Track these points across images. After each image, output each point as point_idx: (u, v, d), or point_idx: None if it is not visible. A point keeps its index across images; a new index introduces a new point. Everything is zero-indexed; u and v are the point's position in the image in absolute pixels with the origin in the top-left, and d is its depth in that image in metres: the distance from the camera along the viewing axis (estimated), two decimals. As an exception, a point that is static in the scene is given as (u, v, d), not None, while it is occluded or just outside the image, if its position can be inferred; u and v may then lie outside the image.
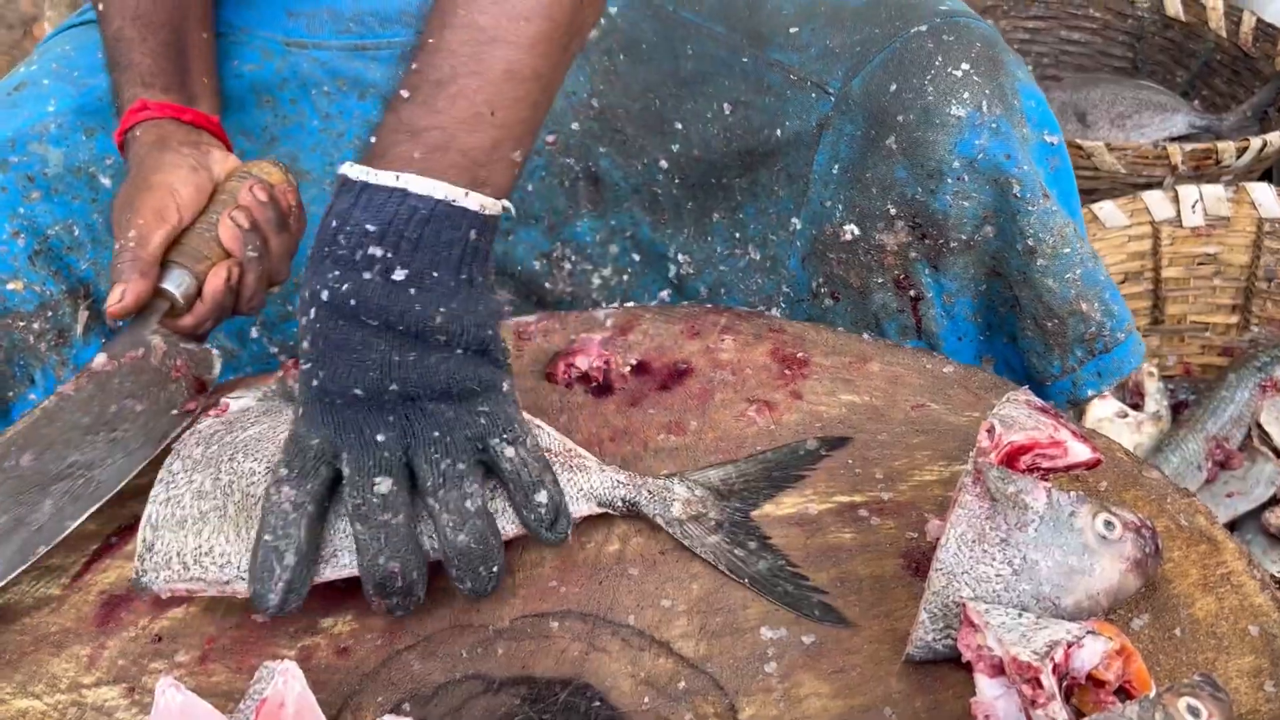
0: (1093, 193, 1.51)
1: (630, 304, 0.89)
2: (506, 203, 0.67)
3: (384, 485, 0.63)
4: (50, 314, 0.96)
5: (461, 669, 0.64)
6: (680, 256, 1.04)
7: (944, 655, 0.61)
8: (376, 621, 0.67)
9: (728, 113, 0.96)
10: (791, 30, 0.94)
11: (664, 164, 1.00)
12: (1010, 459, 0.62)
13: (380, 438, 0.63)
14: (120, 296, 0.77)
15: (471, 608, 0.67)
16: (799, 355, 0.82)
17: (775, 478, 0.73)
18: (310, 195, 1.00)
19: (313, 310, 0.63)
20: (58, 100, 0.97)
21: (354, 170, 0.64)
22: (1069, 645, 0.55)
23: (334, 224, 0.63)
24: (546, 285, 1.06)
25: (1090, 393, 0.92)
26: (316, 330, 0.63)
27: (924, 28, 0.88)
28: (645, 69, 1.00)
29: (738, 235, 1.00)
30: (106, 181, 0.96)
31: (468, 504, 0.64)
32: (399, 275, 0.62)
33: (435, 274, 0.63)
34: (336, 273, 0.63)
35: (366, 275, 0.62)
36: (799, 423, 0.76)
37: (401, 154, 0.63)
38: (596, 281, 1.06)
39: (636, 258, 1.05)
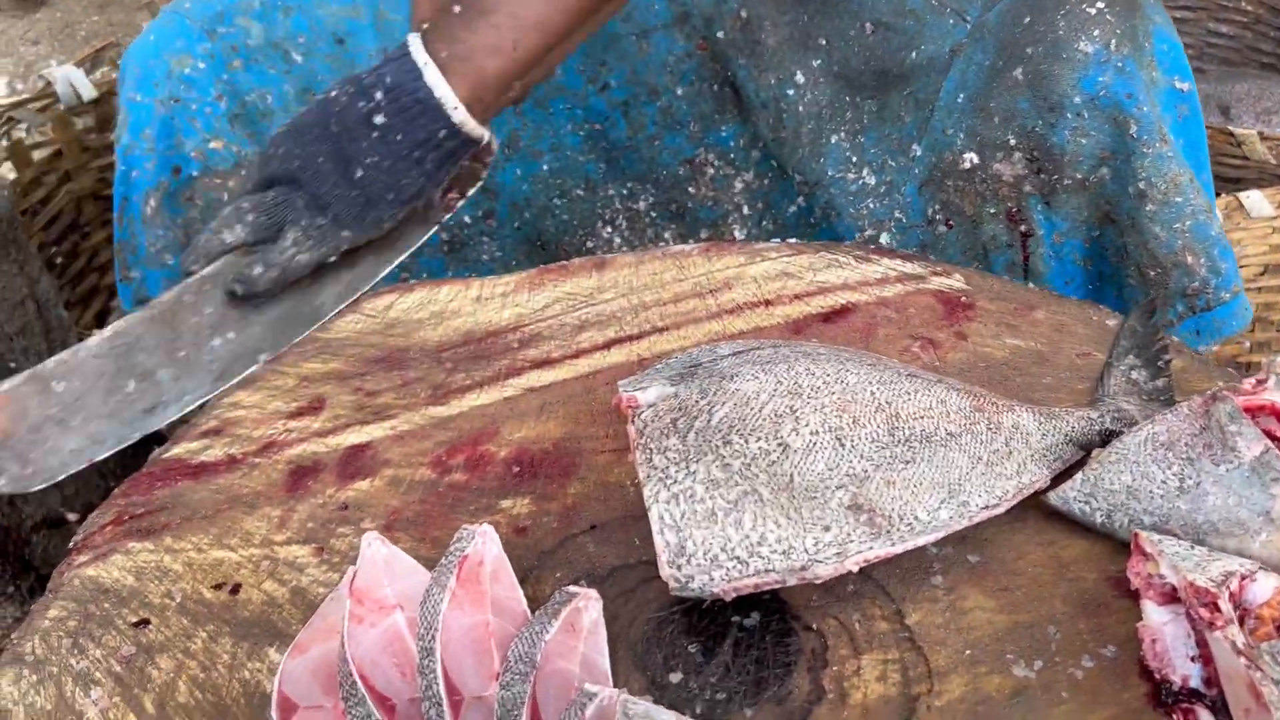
0: (1239, 181, 1.49)
1: (793, 240, 0.91)
2: (484, 132, 0.85)
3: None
4: (244, 172, 1.06)
5: (635, 555, 0.67)
6: (795, 176, 1.06)
7: (1072, 515, 0.65)
8: (552, 506, 0.71)
9: (869, 32, 0.98)
10: None
11: (800, 78, 1.03)
12: (1253, 411, 0.63)
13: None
14: None
15: (644, 502, 0.70)
16: (963, 299, 0.83)
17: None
18: None
19: (318, 100, 0.84)
20: None
21: (414, 42, 0.82)
22: (1243, 577, 0.56)
23: (377, 63, 0.84)
24: (690, 190, 1.10)
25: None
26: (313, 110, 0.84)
27: None
28: None
29: (854, 159, 1.02)
30: (298, 57, 1.07)
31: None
32: (378, 119, 0.81)
33: (399, 137, 0.82)
34: (346, 91, 0.83)
35: (362, 105, 0.81)
36: (964, 361, 0.78)
37: (436, 49, 0.82)
38: (739, 185, 1.09)
39: (775, 164, 1.07)
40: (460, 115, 0.82)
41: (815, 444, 0.64)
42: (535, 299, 0.88)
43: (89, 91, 1.57)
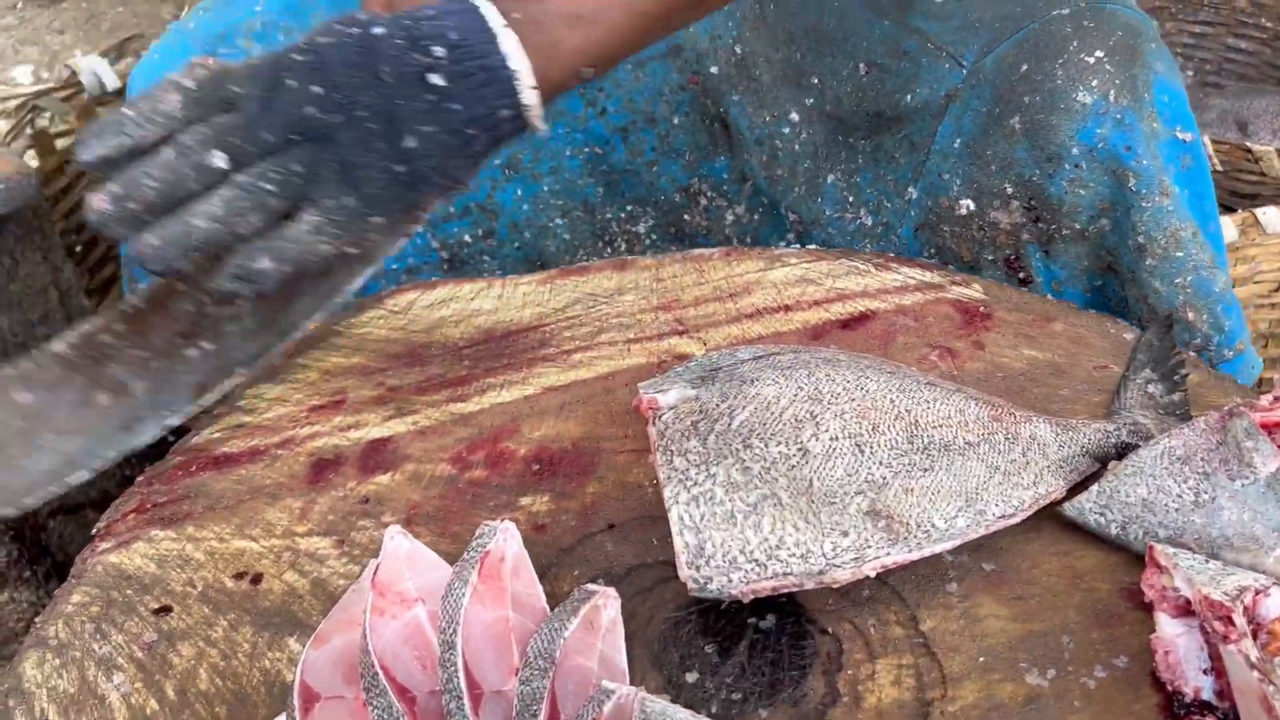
0: (1256, 198, 1.49)
1: (811, 246, 0.92)
2: (538, 115, 0.70)
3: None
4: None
5: (653, 555, 0.68)
6: (789, 215, 1.06)
7: (1086, 526, 0.66)
8: (571, 505, 0.72)
9: (863, 73, 0.97)
10: None
11: (794, 116, 1.02)
12: (1269, 428, 0.64)
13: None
14: None
15: (662, 503, 0.71)
16: (982, 308, 0.84)
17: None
18: None
19: (351, 29, 0.67)
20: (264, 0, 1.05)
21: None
22: (1257, 592, 0.57)
23: (431, 11, 0.67)
24: (685, 218, 1.10)
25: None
26: (351, 43, 0.66)
27: (1066, 11, 0.88)
28: (791, 21, 1.01)
29: (850, 199, 1.01)
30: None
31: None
32: (434, 79, 0.66)
33: (457, 107, 0.67)
34: (397, 33, 0.66)
35: (417, 57, 0.66)
36: (981, 370, 0.79)
37: (506, 7, 0.69)
38: (730, 218, 1.09)
39: (766, 200, 1.08)
40: (531, 98, 0.69)
41: (835, 450, 0.64)
42: (556, 298, 0.89)
43: (113, 81, 1.59)
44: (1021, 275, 0.92)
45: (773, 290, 0.87)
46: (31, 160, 1.48)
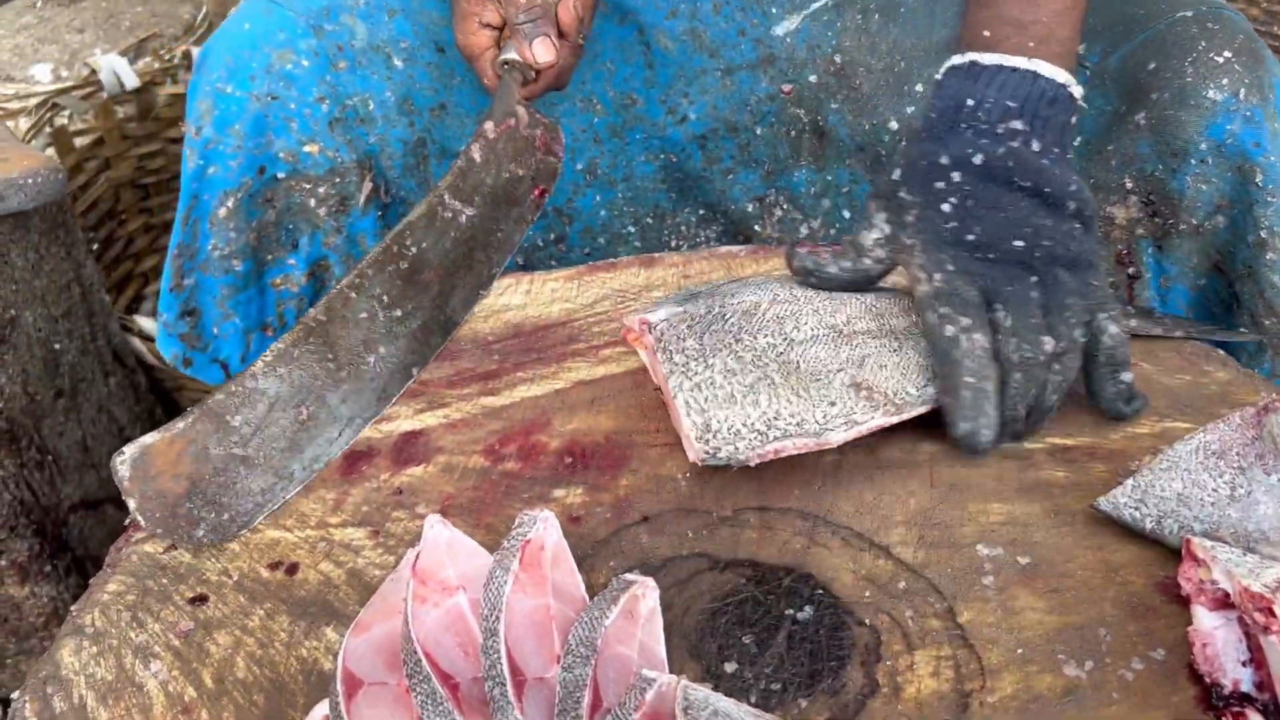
0: None
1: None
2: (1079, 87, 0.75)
3: (1049, 344, 0.70)
4: (338, 180, 1.02)
5: (688, 547, 0.68)
6: None
7: (1121, 521, 0.66)
8: (605, 497, 0.72)
9: None
10: None
11: (894, 125, 1.03)
12: None
13: (1034, 294, 0.71)
14: (545, 49, 0.88)
15: (695, 495, 0.72)
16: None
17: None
18: (563, 109, 1.06)
19: (959, 173, 0.72)
20: None
21: (986, 57, 0.74)
22: (1297, 585, 0.57)
23: (970, 101, 0.73)
24: (755, 228, 1.10)
25: None
26: (967, 191, 0.72)
27: (1189, 13, 0.90)
28: (898, 30, 1.02)
29: None
30: (399, 63, 1.03)
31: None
32: (1035, 146, 0.72)
33: (1056, 150, 0.73)
34: (985, 141, 0.72)
35: (1014, 144, 0.71)
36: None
37: (1016, 44, 0.74)
38: (804, 231, 1.09)
39: (847, 215, 1.08)
40: (1075, 87, 0.75)
41: (816, 336, 0.74)
42: (584, 294, 0.89)
43: (132, 80, 1.60)
44: (1131, 270, 0.93)
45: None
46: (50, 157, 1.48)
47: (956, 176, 0.72)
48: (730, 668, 0.61)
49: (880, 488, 0.71)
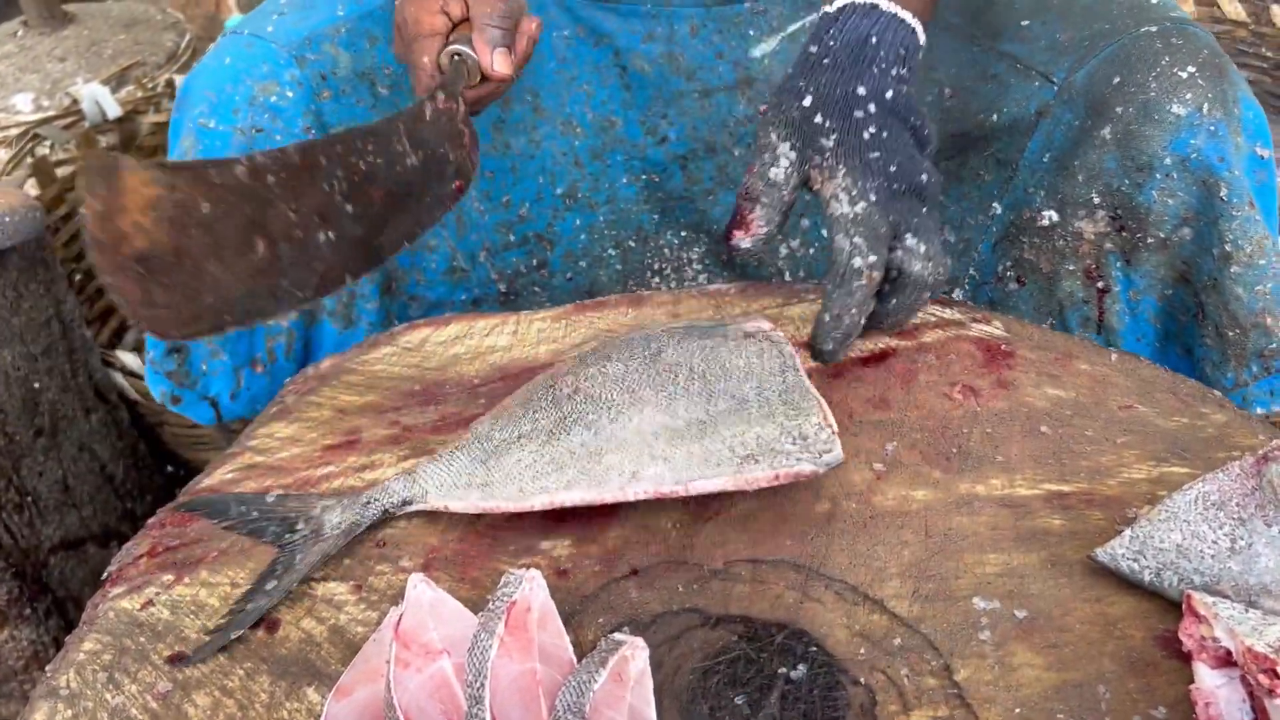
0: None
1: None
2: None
3: (947, 263, 0.79)
4: None
5: (678, 602, 0.67)
6: None
7: (1119, 573, 0.65)
8: (593, 549, 0.71)
9: (947, 95, 0.98)
10: (1023, 23, 0.97)
11: None
12: None
13: (932, 224, 0.78)
14: (505, 61, 0.88)
15: (685, 546, 0.70)
16: (1004, 346, 0.83)
17: None
18: (543, 133, 1.05)
19: (874, 105, 0.76)
20: (345, 6, 1.03)
21: (884, 4, 0.78)
22: (1300, 643, 0.56)
23: (874, 39, 0.77)
24: None
25: (1260, 410, 0.92)
26: (881, 123, 0.76)
27: (1154, 28, 0.90)
28: None
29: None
30: (384, 90, 1.02)
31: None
32: (909, 89, 0.77)
33: (914, 93, 0.79)
34: (890, 80, 0.76)
35: (904, 88, 0.77)
36: (1005, 410, 0.78)
37: (907, 2, 0.79)
38: (784, 252, 1.09)
39: (825, 233, 1.07)
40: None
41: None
42: (572, 334, 0.88)
43: (114, 109, 1.58)
44: (1100, 285, 0.93)
45: (790, 326, 0.86)
46: (32, 189, 1.46)
47: (872, 108, 0.76)
48: (722, 730, 0.59)
49: (874, 537, 0.70)
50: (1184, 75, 0.87)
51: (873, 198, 0.75)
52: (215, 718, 0.63)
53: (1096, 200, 0.90)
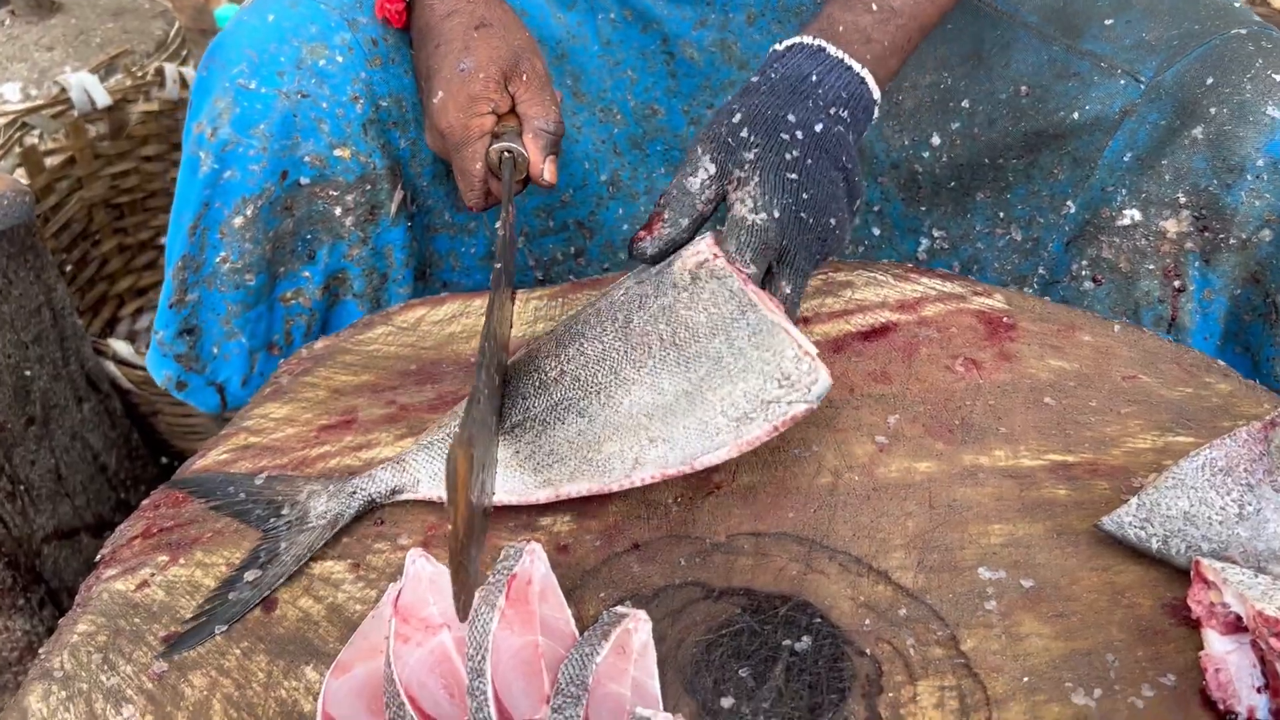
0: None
1: (955, 263, 0.91)
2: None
3: (793, 290, 0.76)
4: (368, 187, 0.95)
5: (680, 575, 0.66)
6: (935, 232, 1.05)
7: (1126, 541, 0.64)
8: (593, 524, 0.70)
9: (1023, 94, 0.97)
10: (1107, 22, 0.96)
11: (936, 140, 1.02)
12: None
13: (808, 270, 0.76)
14: (554, 171, 0.89)
15: (687, 520, 0.69)
16: (1006, 319, 0.82)
17: None
18: (583, 118, 1.03)
19: (801, 133, 0.76)
20: None
21: (833, 49, 0.80)
22: (1311, 607, 0.55)
23: (814, 77, 0.79)
24: None
25: None
26: (807, 150, 0.76)
27: (1244, 31, 0.90)
28: (944, 47, 1.01)
29: (1001, 215, 1.02)
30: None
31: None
32: (851, 138, 0.78)
33: (854, 141, 0.79)
34: (824, 116, 0.77)
35: (838, 128, 0.77)
36: (1008, 382, 0.77)
37: (858, 51, 0.81)
38: None
39: (876, 232, 1.06)
40: (878, 106, 0.82)
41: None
42: (567, 313, 0.87)
43: (103, 98, 1.57)
44: (1177, 284, 0.92)
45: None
46: (20, 178, 1.45)
47: (800, 135, 0.76)
48: (727, 703, 0.58)
49: (877, 509, 0.69)
50: (1278, 78, 0.87)
51: (776, 214, 0.74)
52: (212, 698, 0.62)
53: (1182, 200, 0.90)
